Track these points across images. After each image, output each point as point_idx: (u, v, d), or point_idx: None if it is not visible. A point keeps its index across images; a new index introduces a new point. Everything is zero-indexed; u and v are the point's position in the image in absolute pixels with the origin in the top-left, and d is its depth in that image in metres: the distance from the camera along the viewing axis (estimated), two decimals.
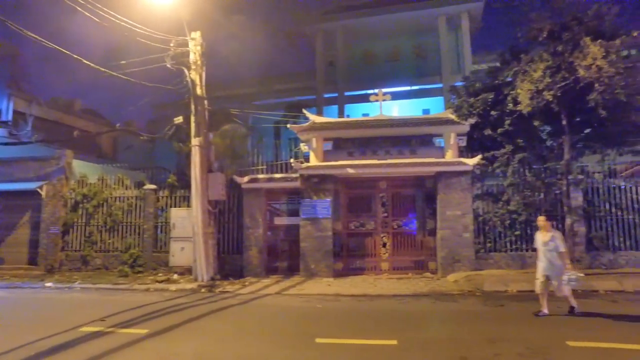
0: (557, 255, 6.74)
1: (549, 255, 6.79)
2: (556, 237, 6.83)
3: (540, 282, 6.88)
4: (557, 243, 6.75)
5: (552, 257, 6.75)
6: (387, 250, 11.85)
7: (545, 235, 6.93)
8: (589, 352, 4.86)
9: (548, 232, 6.93)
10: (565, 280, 6.57)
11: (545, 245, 6.85)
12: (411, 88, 22.83)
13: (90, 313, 7.32)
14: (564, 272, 6.63)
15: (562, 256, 6.74)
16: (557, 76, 9.47)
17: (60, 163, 13.30)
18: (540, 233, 7.05)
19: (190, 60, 11.75)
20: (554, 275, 6.71)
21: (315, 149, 12.08)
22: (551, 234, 6.89)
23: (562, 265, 6.70)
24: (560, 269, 6.69)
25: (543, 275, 6.84)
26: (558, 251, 6.73)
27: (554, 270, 6.72)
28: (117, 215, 12.85)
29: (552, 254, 6.76)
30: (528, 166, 11.39)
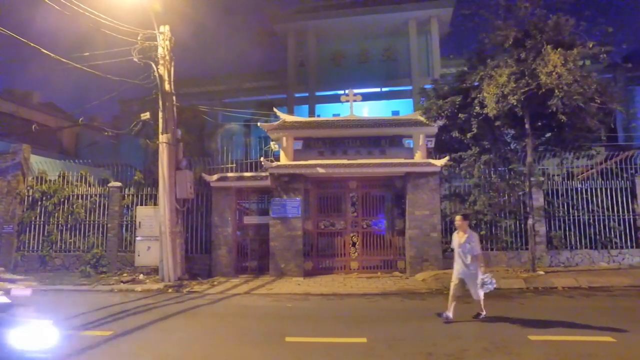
0: (472, 258, 6.39)
1: (464, 257, 6.45)
2: (472, 239, 6.44)
3: (454, 285, 6.56)
4: (473, 245, 6.39)
5: (467, 259, 6.41)
6: (357, 249, 11.95)
7: (461, 236, 6.55)
8: (548, 345, 5.07)
9: (465, 233, 6.53)
10: (479, 283, 6.25)
11: (461, 247, 6.49)
12: (381, 90, 23.18)
13: (47, 316, 6.97)
14: (478, 276, 6.32)
15: (477, 259, 6.40)
16: (521, 82, 9.82)
17: (16, 158, 12.62)
18: (457, 234, 6.67)
19: (158, 54, 11.44)
20: (469, 278, 6.40)
21: (285, 148, 12.03)
22: (467, 235, 6.50)
23: (477, 268, 6.38)
24: (475, 272, 6.37)
25: (457, 278, 6.53)
26: (473, 253, 6.38)
27: (469, 273, 6.41)
28: (79, 213, 12.32)
29: (467, 256, 6.41)
30: (493, 168, 11.76)
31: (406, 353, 4.96)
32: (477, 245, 6.42)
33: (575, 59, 9.61)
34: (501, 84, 10.05)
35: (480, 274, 6.31)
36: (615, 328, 5.76)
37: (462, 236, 6.52)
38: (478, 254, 6.40)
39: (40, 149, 15.31)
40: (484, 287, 6.25)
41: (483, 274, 6.30)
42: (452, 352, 4.91)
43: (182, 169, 11.57)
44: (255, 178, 11.85)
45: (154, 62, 11.36)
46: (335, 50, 24.27)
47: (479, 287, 6.26)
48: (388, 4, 22.73)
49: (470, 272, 6.38)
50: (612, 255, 11.29)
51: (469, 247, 6.39)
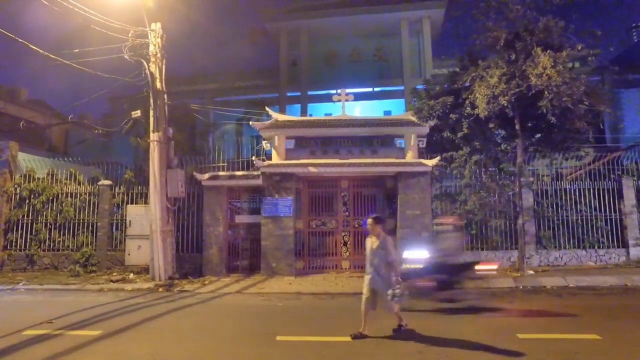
0: (386, 266, 5.57)
1: (376, 264, 5.60)
2: (386, 244, 5.60)
3: (365, 298, 5.68)
4: (387, 250, 5.55)
5: (379, 267, 5.57)
6: (348, 249, 11.98)
7: (374, 241, 5.71)
8: (536, 343, 5.14)
9: (377, 238, 5.69)
10: (389, 295, 5.39)
11: (374, 253, 5.64)
12: (373, 89, 23.23)
13: (36, 315, 6.91)
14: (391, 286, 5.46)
15: (391, 266, 5.57)
16: (512, 83, 9.92)
17: (3, 156, 12.43)
18: (370, 238, 5.83)
19: (149, 52, 11.35)
20: (381, 288, 5.54)
21: (277, 147, 12.02)
22: (381, 240, 5.66)
23: (390, 277, 5.54)
24: (388, 281, 5.52)
25: (369, 290, 5.67)
26: (387, 260, 5.54)
27: (382, 282, 5.55)
28: (68, 212, 12.19)
29: (380, 263, 5.57)
30: (484, 168, 11.87)
31: (396, 352, 4.99)
32: (392, 250, 5.58)
33: (565, 61, 9.73)
34: (492, 84, 10.15)
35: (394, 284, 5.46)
36: (601, 326, 5.85)
37: (375, 241, 5.68)
38: (393, 261, 5.57)
39: (28, 147, 15.10)
40: (394, 299, 5.39)
41: (395, 285, 5.43)
42: (442, 350, 4.95)
43: (174, 168, 11.50)
44: (246, 177, 11.82)
45: (145, 59, 11.28)
46: (327, 50, 24.29)
47: (391, 298, 5.39)
48: (380, 4, 22.79)
49: (384, 281, 5.53)
50: (599, 255, 11.47)
51: (383, 253, 5.56)
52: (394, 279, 5.50)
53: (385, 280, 5.53)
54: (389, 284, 5.47)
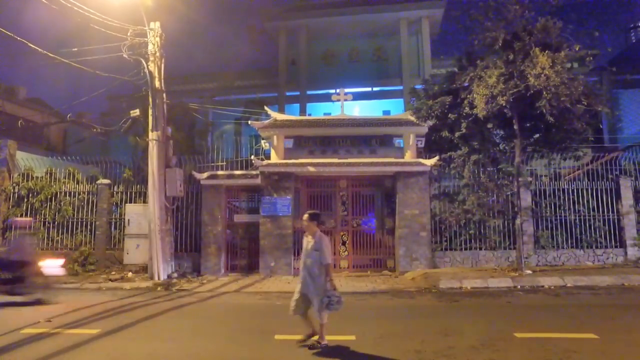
0: (320, 269, 4.96)
1: (309, 267, 5.04)
2: (322, 244, 5.00)
3: (294, 301, 5.16)
4: (322, 252, 4.97)
5: (312, 270, 5.00)
6: (347, 248, 12.00)
7: (309, 240, 5.16)
8: (534, 342, 5.15)
9: (313, 237, 5.13)
10: (324, 302, 4.82)
11: (307, 255, 5.09)
12: (372, 89, 23.25)
13: (33, 314, 6.91)
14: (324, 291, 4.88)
15: (325, 270, 4.93)
16: (510, 83, 9.94)
17: (1, 154, 12.41)
18: (306, 237, 5.27)
19: (148, 51, 11.35)
20: (313, 293, 4.99)
21: (276, 146, 12.04)
22: (316, 239, 5.08)
23: (323, 281, 4.92)
24: (321, 286, 4.92)
25: (299, 293, 5.12)
26: (321, 263, 4.95)
27: (314, 287, 4.97)
28: (66, 210, 12.18)
29: (313, 265, 5.01)
30: (482, 168, 11.89)
31: (394, 350, 5.00)
32: (327, 252, 4.97)
33: (563, 61, 9.76)
34: (490, 85, 10.16)
35: (327, 290, 4.89)
36: (598, 325, 5.87)
37: (310, 241, 5.13)
38: (327, 264, 4.95)
39: (26, 146, 15.06)
40: (329, 307, 4.83)
41: (330, 290, 4.88)
42: (440, 349, 4.96)
43: (172, 167, 11.50)
44: (245, 176, 11.83)
45: (144, 58, 11.27)
46: (326, 49, 24.29)
47: (323, 306, 4.85)
48: (379, 3, 22.82)
49: (317, 286, 4.94)
50: (597, 255, 11.50)
51: (317, 255, 4.98)
52: (329, 284, 4.88)
53: (318, 285, 4.93)
54: (321, 289, 4.89)
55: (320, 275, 4.96)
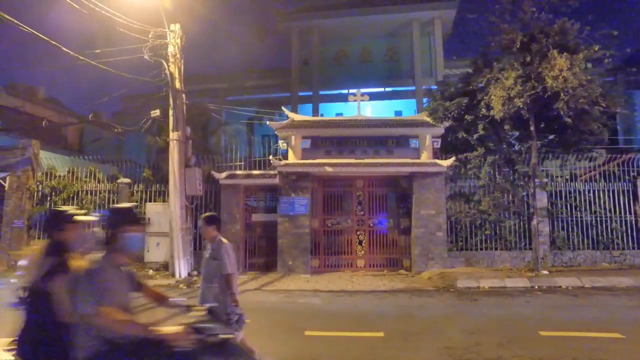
0: (220, 280, 4.06)
1: (207, 278, 4.18)
2: (220, 251, 4.11)
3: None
4: (221, 261, 4.07)
5: (211, 281, 4.13)
6: (363, 247, 12.14)
7: (207, 248, 4.33)
8: (559, 340, 5.27)
9: (211, 242, 4.27)
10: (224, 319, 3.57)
11: (205, 265, 4.26)
12: (384, 90, 23.33)
13: None
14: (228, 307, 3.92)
15: (226, 282, 4.04)
16: (527, 85, 10.03)
17: (26, 153, 12.70)
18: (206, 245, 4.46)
19: (169, 53, 11.55)
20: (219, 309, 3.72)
21: (293, 146, 12.20)
22: (214, 246, 4.21)
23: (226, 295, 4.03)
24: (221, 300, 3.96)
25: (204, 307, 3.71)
26: (221, 274, 4.06)
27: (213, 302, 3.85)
28: (88, 209, 12.42)
29: (212, 277, 4.13)
30: (498, 168, 11.97)
31: (423, 347, 5.15)
32: (227, 261, 4.07)
33: (581, 63, 9.82)
34: (507, 86, 10.25)
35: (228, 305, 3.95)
36: (622, 326, 5.97)
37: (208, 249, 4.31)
38: (228, 275, 4.05)
39: (46, 145, 15.36)
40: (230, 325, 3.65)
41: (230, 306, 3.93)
42: (468, 345, 5.10)
43: (191, 166, 11.69)
44: (263, 176, 12.01)
45: (164, 59, 11.46)
46: (338, 50, 24.40)
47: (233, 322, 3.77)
48: (392, 4, 22.88)
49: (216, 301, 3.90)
50: (614, 256, 11.53)
51: (215, 265, 4.10)
52: (230, 298, 4.01)
53: (218, 299, 3.97)
54: (225, 304, 3.94)
55: (220, 288, 4.05)
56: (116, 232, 2.52)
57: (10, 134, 15.57)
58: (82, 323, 2.30)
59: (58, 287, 2.39)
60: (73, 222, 2.64)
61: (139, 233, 2.58)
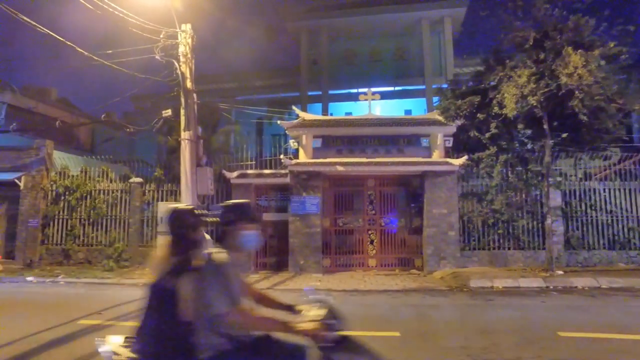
0: None
1: None
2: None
3: None
4: None
5: None
6: (375, 247, 12.09)
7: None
8: (579, 341, 5.19)
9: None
10: None
11: None
12: (394, 89, 23.24)
13: (83, 306, 7.20)
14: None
15: None
16: (541, 82, 9.91)
17: (40, 154, 12.85)
18: None
19: (180, 52, 11.58)
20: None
21: (304, 145, 12.19)
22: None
23: None
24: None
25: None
26: None
27: None
28: (101, 208, 12.55)
29: None
30: (511, 167, 11.86)
31: (441, 346, 5.10)
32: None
33: (596, 60, 9.68)
34: (520, 84, 10.14)
35: None
36: None
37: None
38: None
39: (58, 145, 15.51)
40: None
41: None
42: (485, 345, 5.04)
43: (203, 166, 11.72)
44: (274, 175, 12.02)
45: (175, 59, 11.49)
46: (347, 49, 24.38)
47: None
48: (401, 3, 22.81)
49: None
50: (631, 256, 11.35)
51: None
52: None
53: None
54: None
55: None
56: (231, 229, 2.42)
57: (24, 135, 15.75)
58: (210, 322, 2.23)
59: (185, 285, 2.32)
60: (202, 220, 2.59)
61: (255, 230, 2.48)
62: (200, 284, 2.29)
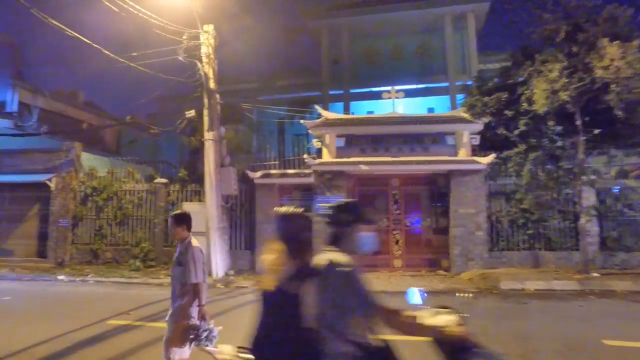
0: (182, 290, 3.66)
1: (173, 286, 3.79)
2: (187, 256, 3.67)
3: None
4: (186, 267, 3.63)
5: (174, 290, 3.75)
6: (400, 247, 11.88)
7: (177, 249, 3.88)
8: (627, 352, 4.90)
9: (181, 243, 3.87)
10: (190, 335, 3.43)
11: (172, 269, 3.85)
12: (416, 87, 22.88)
13: (113, 306, 7.27)
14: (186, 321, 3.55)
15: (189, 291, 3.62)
16: (574, 77, 9.52)
17: (69, 155, 13.15)
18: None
19: (202, 53, 11.64)
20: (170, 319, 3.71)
21: (328, 145, 12.07)
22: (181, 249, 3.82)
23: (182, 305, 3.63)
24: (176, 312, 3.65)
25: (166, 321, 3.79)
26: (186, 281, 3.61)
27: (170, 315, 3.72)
28: (127, 208, 12.74)
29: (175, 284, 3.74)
30: (540, 165, 11.46)
31: None
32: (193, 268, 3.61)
33: (635, 51, 9.24)
34: (551, 79, 9.78)
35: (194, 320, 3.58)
36: None
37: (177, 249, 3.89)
38: (193, 285, 3.61)
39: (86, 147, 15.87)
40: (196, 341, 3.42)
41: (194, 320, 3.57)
42: (525, 352, 4.83)
43: (226, 166, 11.77)
44: (298, 175, 11.95)
45: (198, 60, 11.56)
46: (368, 47, 24.14)
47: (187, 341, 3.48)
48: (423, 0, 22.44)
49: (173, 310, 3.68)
50: None
51: (180, 271, 3.68)
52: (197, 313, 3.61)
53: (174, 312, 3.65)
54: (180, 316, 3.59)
55: (180, 297, 3.62)
56: (347, 231, 2.31)
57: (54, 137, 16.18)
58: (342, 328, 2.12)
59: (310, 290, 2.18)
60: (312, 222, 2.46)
61: (372, 232, 2.36)
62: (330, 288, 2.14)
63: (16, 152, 13.49)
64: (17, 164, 13.38)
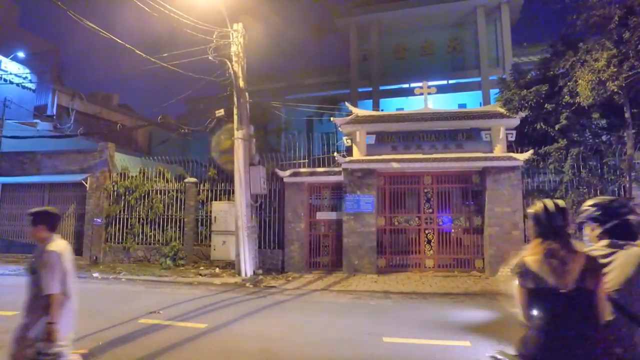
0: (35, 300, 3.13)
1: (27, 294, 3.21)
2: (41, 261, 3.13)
3: None
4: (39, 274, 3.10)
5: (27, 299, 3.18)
6: (432, 247, 11.50)
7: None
8: None
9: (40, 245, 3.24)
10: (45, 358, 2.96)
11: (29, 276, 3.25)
12: (447, 82, 22.26)
13: (143, 305, 7.30)
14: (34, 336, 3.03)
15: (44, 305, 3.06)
16: (624, 65, 8.91)
17: (103, 156, 13.47)
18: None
19: (232, 52, 11.62)
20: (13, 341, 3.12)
21: (358, 142, 11.82)
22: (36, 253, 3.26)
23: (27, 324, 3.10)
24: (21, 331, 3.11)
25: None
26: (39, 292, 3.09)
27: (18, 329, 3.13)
28: (158, 207, 12.91)
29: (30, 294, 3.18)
30: (583, 162, 10.83)
31: None
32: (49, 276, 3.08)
33: None
34: (598, 69, 9.20)
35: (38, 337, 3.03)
36: None
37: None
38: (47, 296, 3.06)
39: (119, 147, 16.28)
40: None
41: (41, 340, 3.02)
42: None
43: (255, 165, 11.71)
44: (328, 173, 11.76)
45: (228, 59, 11.55)
46: (398, 43, 23.67)
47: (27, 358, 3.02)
48: None
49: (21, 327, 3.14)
50: None
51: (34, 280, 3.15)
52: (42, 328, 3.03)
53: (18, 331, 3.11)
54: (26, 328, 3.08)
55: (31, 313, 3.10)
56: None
57: (89, 138, 16.70)
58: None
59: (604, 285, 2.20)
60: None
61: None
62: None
63: (54, 153, 13.97)
64: (55, 164, 13.85)
